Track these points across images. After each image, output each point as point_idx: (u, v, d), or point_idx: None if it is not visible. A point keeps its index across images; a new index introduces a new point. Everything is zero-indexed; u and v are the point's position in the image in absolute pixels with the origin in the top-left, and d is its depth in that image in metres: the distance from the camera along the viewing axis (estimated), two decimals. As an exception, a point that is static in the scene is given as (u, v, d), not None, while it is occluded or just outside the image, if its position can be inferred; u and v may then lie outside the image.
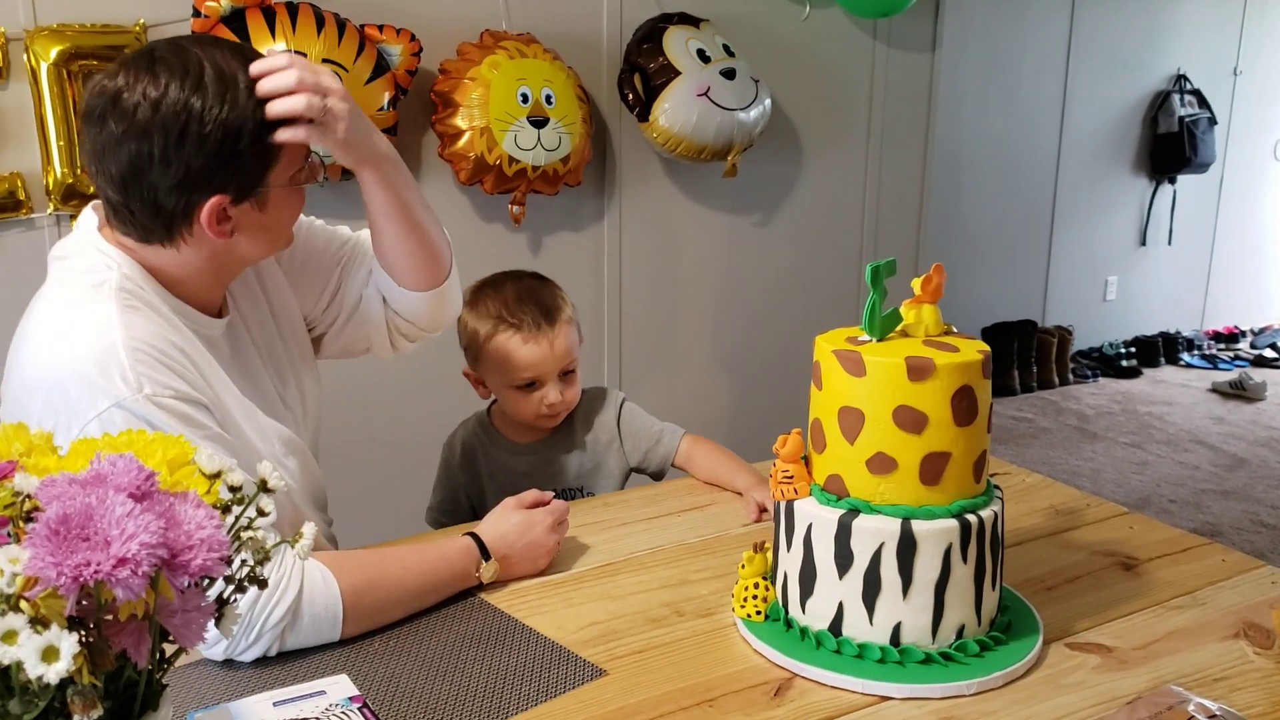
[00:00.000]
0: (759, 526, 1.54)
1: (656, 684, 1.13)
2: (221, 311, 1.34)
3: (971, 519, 1.14)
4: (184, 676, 1.13)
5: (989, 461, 1.21)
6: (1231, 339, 6.01)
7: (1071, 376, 5.32)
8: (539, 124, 2.56)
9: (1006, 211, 5.19)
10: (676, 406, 2.91)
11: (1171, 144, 5.47)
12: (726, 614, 1.28)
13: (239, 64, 1.17)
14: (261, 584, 0.77)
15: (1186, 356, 5.68)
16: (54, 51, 2.19)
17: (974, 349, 1.16)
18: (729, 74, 2.84)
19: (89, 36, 2.23)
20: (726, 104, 2.82)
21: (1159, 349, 5.64)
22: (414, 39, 2.48)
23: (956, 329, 1.24)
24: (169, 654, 0.74)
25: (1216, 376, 5.35)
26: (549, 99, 2.58)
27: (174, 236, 1.21)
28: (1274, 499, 3.88)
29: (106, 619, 0.67)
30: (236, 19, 2.27)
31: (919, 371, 1.11)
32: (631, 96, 2.83)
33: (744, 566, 1.26)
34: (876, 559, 1.13)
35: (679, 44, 2.82)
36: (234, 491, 0.76)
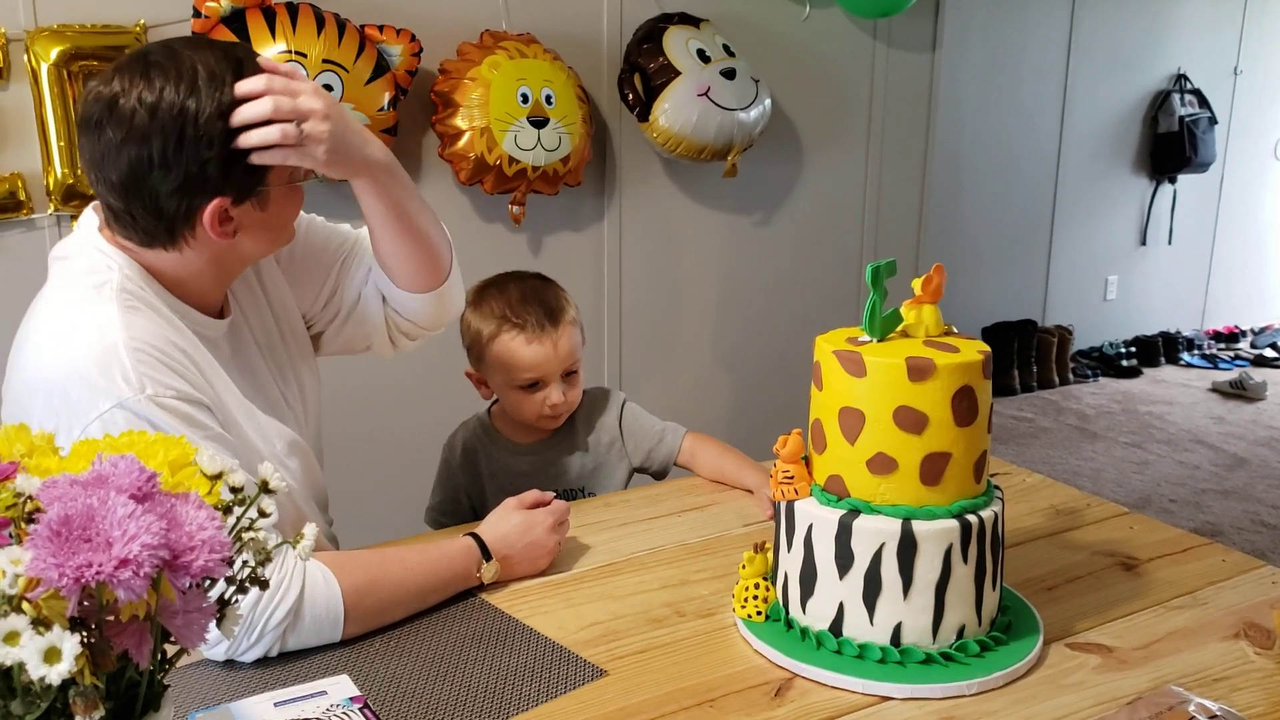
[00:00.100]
0: (759, 527, 1.54)
1: (657, 684, 1.13)
2: (223, 312, 1.34)
3: (972, 519, 1.14)
4: (185, 677, 1.13)
5: (989, 462, 1.21)
6: (1232, 338, 6.01)
7: (1072, 376, 5.32)
8: (539, 124, 2.56)
9: (1007, 211, 5.19)
10: (676, 406, 2.90)
11: (1172, 143, 5.47)
12: (727, 614, 1.28)
13: (231, 65, 1.17)
14: (263, 585, 0.77)
15: (1187, 356, 5.68)
16: (54, 52, 2.19)
17: (974, 349, 1.16)
18: (729, 74, 2.84)
19: (89, 37, 2.23)
20: (726, 104, 2.82)
21: (1159, 349, 5.64)
22: (414, 39, 2.48)
23: (957, 329, 1.24)
24: (170, 655, 0.74)
25: (1217, 376, 5.35)
26: (549, 99, 2.58)
27: (177, 240, 1.21)
28: (1274, 499, 3.88)
29: (108, 620, 0.67)
30: (237, 19, 2.27)
31: (919, 372, 1.11)
32: (631, 96, 2.83)
33: (744, 567, 1.26)
34: (877, 559, 1.13)
35: (679, 44, 2.82)
36: (235, 492, 0.76)
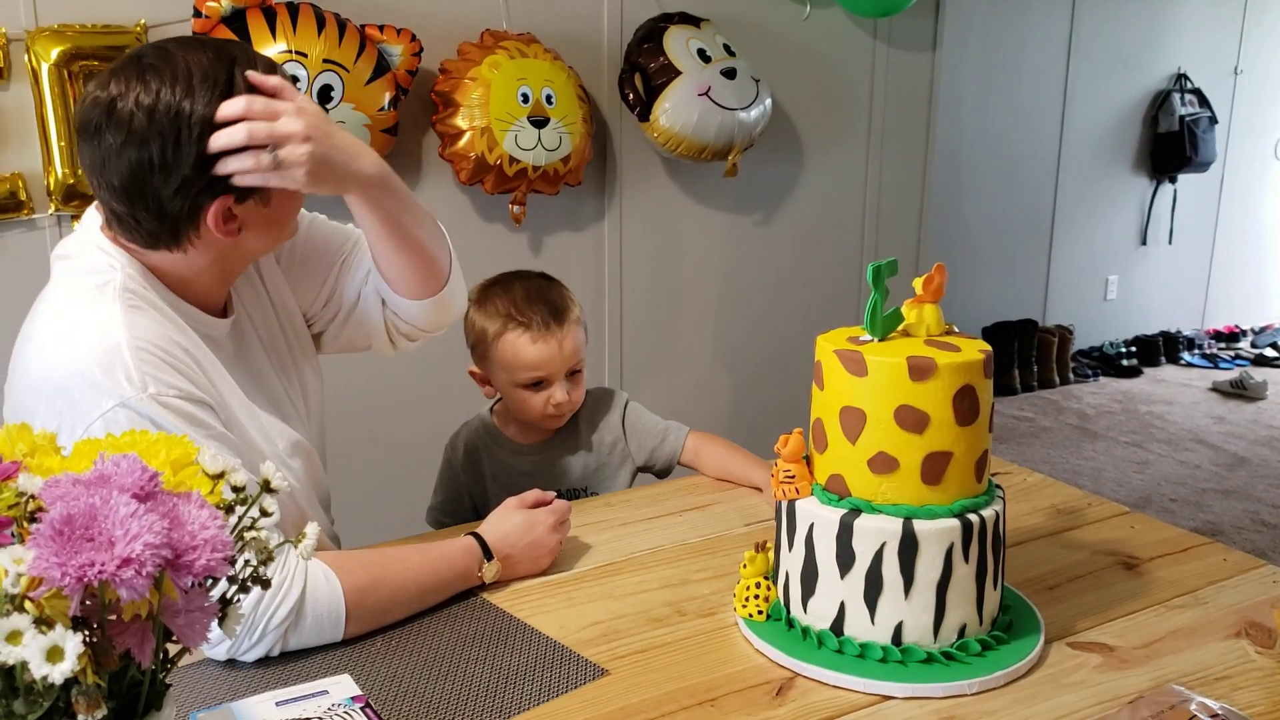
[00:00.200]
0: (760, 526, 1.54)
1: (658, 683, 1.14)
2: (226, 310, 1.34)
3: (973, 518, 1.14)
4: (187, 676, 1.13)
5: (990, 461, 1.21)
6: (1232, 338, 6.01)
7: (1072, 376, 5.32)
8: (539, 124, 2.56)
9: (1007, 211, 5.19)
10: (677, 406, 2.91)
11: (1172, 143, 5.47)
12: (728, 614, 1.28)
13: (225, 64, 1.17)
14: (265, 584, 0.77)
15: (1187, 356, 5.68)
16: (55, 52, 2.19)
17: (975, 349, 1.16)
18: (729, 73, 2.84)
19: (90, 37, 2.23)
20: (727, 103, 2.82)
21: (1159, 348, 5.64)
22: (414, 39, 2.48)
23: (957, 328, 1.24)
24: (173, 654, 0.74)
25: (1217, 375, 5.35)
26: (549, 99, 2.58)
27: (181, 241, 1.21)
28: (1275, 498, 3.88)
29: (110, 619, 0.67)
30: (237, 19, 2.27)
31: (920, 371, 1.11)
32: (632, 96, 2.83)
33: (745, 566, 1.26)
34: (878, 559, 1.13)
35: (679, 44, 2.82)
36: (237, 492, 0.76)
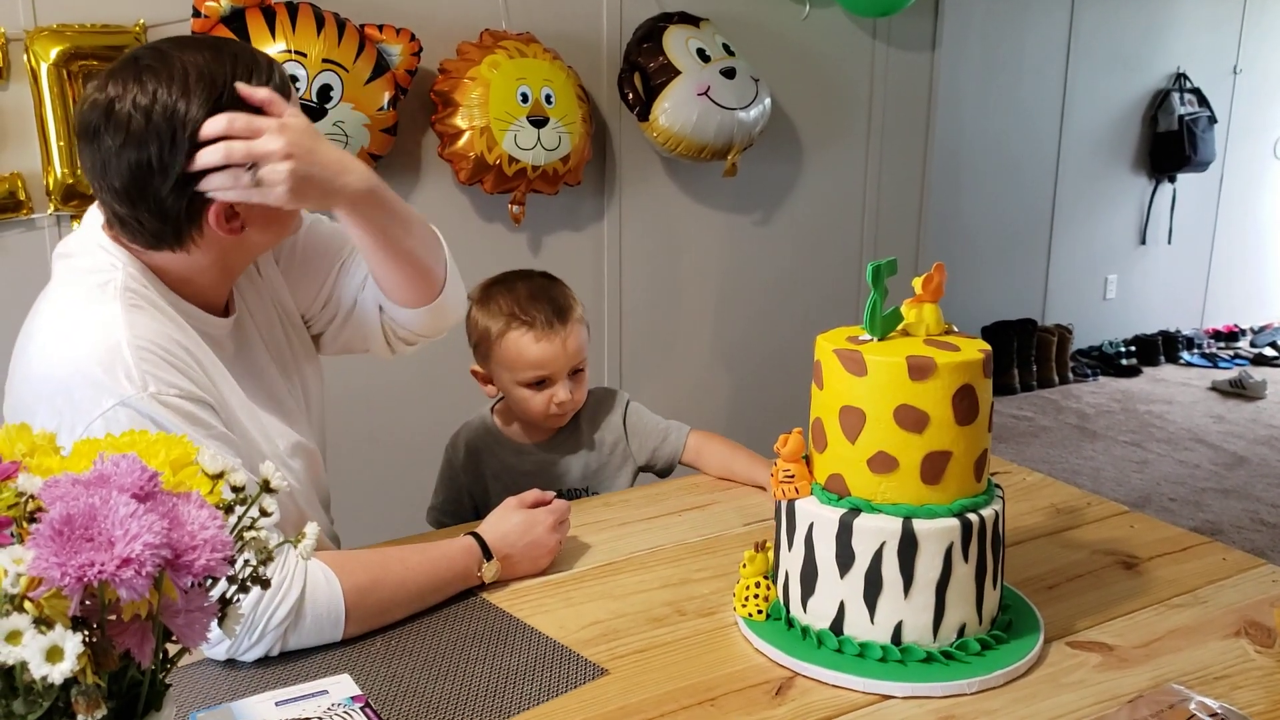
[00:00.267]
0: (760, 526, 1.54)
1: (658, 683, 1.14)
2: (228, 309, 1.34)
3: (973, 518, 1.14)
4: (186, 676, 1.13)
5: (990, 460, 1.21)
6: (1231, 337, 6.02)
7: (1071, 375, 5.32)
8: (539, 123, 2.56)
9: (1006, 210, 5.20)
10: (676, 406, 2.90)
11: (1171, 142, 5.47)
12: (728, 613, 1.28)
13: (221, 63, 1.17)
14: (264, 584, 0.77)
15: (1186, 355, 5.68)
16: (54, 52, 2.19)
17: (975, 348, 1.16)
18: (729, 73, 2.84)
19: (89, 37, 2.23)
20: (726, 103, 2.82)
21: (1159, 347, 5.64)
22: (414, 39, 2.48)
23: (957, 328, 1.24)
24: (172, 654, 0.74)
25: (1216, 375, 5.35)
26: (549, 98, 2.58)
27: (184, 241, 1.21)
28: (1274, 497, 3.88)
29: (110, 619, 0.67)
30: (236, 19, 2.27)
31: (920, 371, 1.11)
32: (631, 96, 2.83)
33: (745, 566, 1.26)
34: (878, 558, 1.13)
35: (679, 43, 2.82)
36: (237, 492, 0.76)
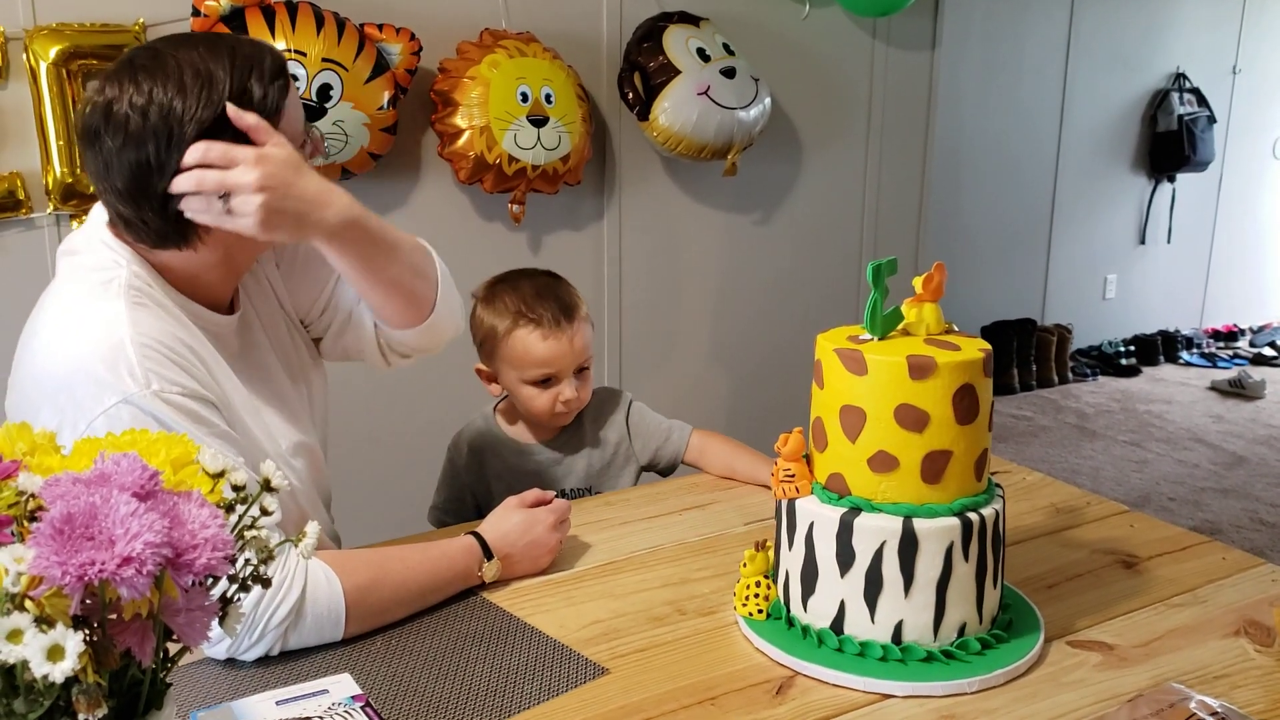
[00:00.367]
0: (760, 525, 1.54)
1: (658, 682, 1.14)
2: (232, 307, 1.34)
3: (973, 517, 1.14)
4: (187, 675, 1.13)
5: (990, 460, 1.21)
6: (1230, 337, 6.02)
7: (1071, 375, 5.32)
8: (539, 123, 2.56)
9: (1006, 210, 5.20)
10: (676, 405, 2.90)
11: (1171, 142, 5.47)
12: (728, 612, 1.28)
13: (216, 60, 1.17)
14: (265, 583, 0.77)
15: (1185, 355, 5.69)
16: (53, 51, 2.19)
17: (975, 347, 1.16)
18: (729, 73, 2.84)
19: (88, 36, 2.23)
20: (726, 103, 2.82)
21: (1158, 347, 5.64)
22: (414, 38, 2.48)
23: (957, 327, 1.24)
24: (173, 653, 0.74)
25: (1215, 375, 5.35)
26: (549, 98, 2.58)
27: (190, 239, 1.21)
28: (1273, 497, 3.89)
29: (111, 618, 0.67)
30: (236, 18, 2.27)
31: (920, 370, 1.11)
32: (631, 95, 2.83)
33: (745, 565, 1.26)
34: (878, 557, 1.13)
35: (679, 43, 2.82)
36: (237, 491, 0.76)
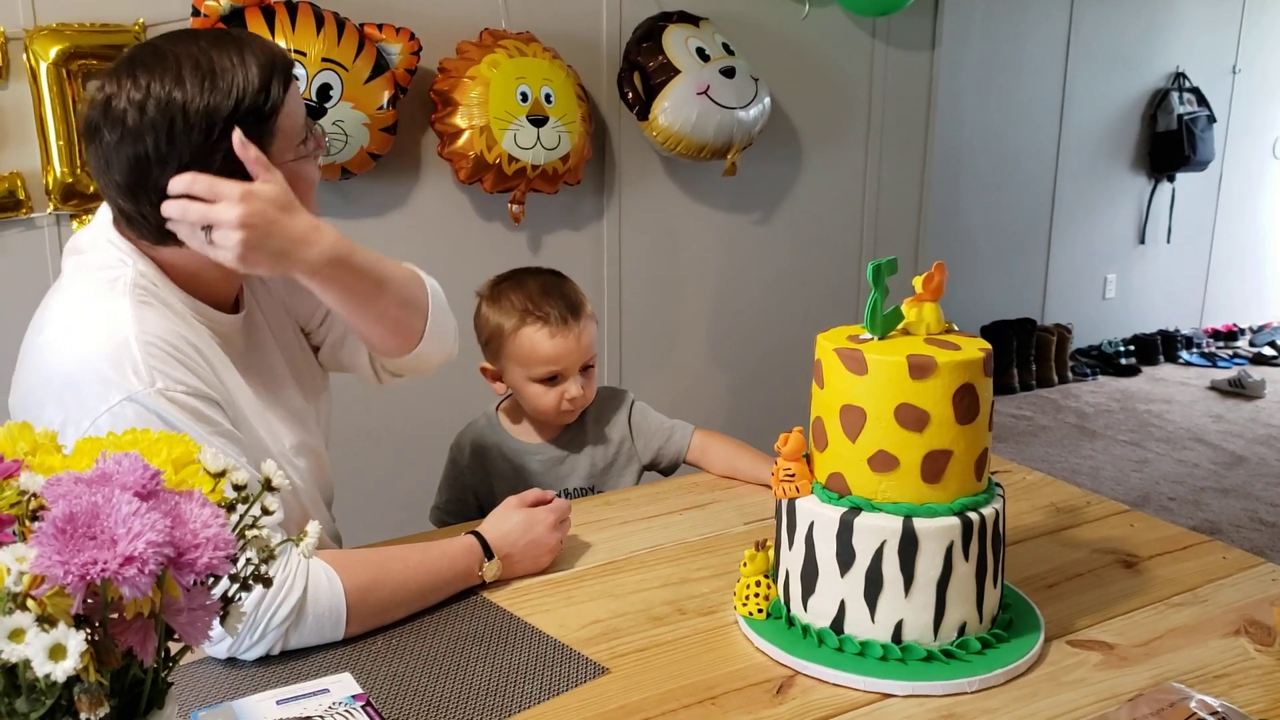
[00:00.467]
0: (760, 524, 1.54)
1: (658, 682, 1.14)
2: (238, 306, 1.34)
3: (973, 517, 1.14)
4: (187, 675, 1.13)
5: (990, 459, 1.21)
6: (1230, 337, 6.02)
7: (1071, 374, 5.33)
8: (538, 123, 2.56)
9: (1006, 209, 5.20)
10: (676, 404, 2.90)
11: (1170, 142, 5.47)
12: (728, 612, 1.28)
13: (217, 53, 1.17)
14: (267, 583, 0.77)
15: (1185, 354, 5.69)
16: (53, 51, 2.19)
17: (975, 347, 1.16)
18: (728, 72, 2.84)
19: (88, 36, 2.23)
20: (726, 102, 2.82)
21: (1158, 347, 5.64)
22: (413, 38, 2.48)
23: (957, 327, 1.24)
24: (174, 652, 0.74)
25: (1215, 374, 5.35)
26: (548, 98, 2.58)
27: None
28: (1273, 496, 3.89)
29: (113, 617, 0.67)
30: (236, 18, 2.27)
31: (921, 369, 1.11)
32: (631, 95, 2.83)
33: (745, 565, 1.26)
34: (878, 557, 1.13)
35: (678, 42, 2.82)
36: (239, 490, 0.76)
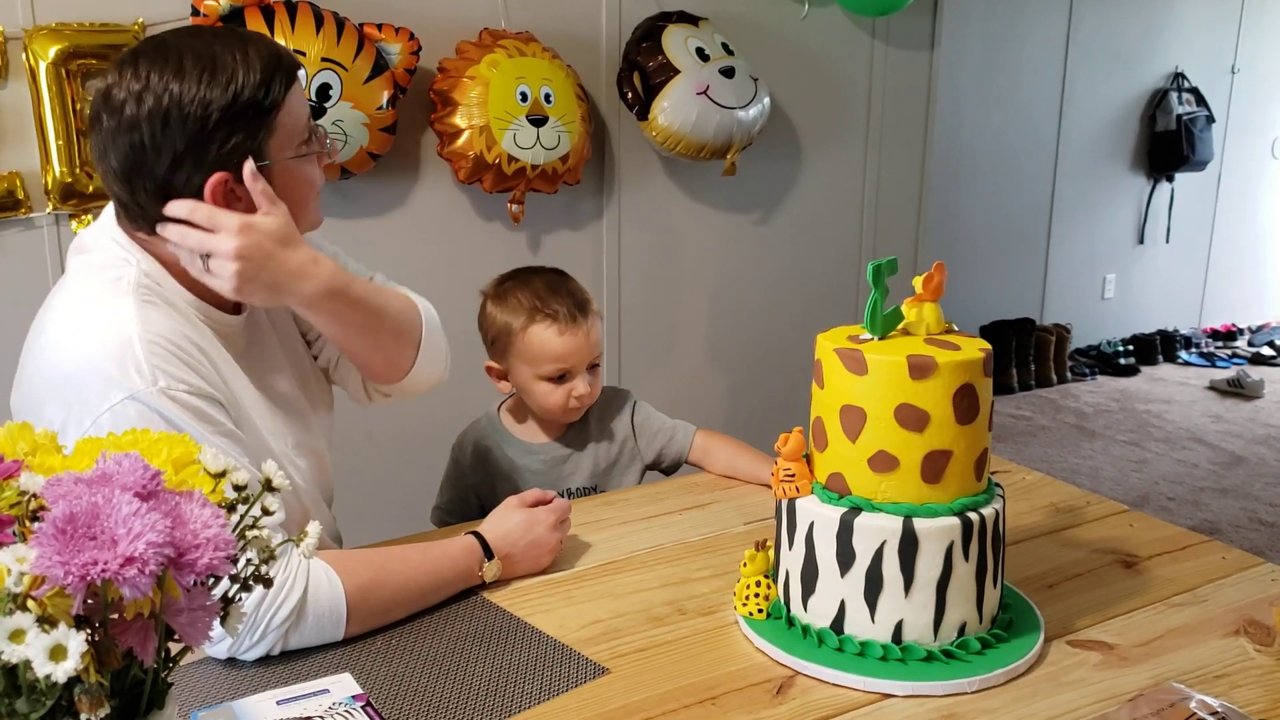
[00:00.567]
0: (760, 525, 1.54)
1: (658, 682, 1.14)
2: (241, 306, 1.33)
3: (973, 517, 1.14)
4: (188, 675, 1.13)
5: (990, 459, 1.21)
6: (1229, 337, 6.02)
7: (1070, 374, 5.33)
8: (538, 122, 2.56)
9: (1005, 209, 5.20)
10: (675, 404, 2.90)
11: (1169, 142, 5.47)
12: (728, 612, 1.28)
13: (221, 48, 1.17)
14: (267, 583, 0.77)
15: (1184, 354, 5.69)
16: (53, 51, 2.19)
17: (975, 347, 1.16)
18: (728, 72, 2.84)
19: (88, 36, 2.23)
20: (725, 102, 2.82)
21: (1157, 347, 5.64)
22: (413, 37, 2.48)
23: (956, 327, 1.24)
24: (174, 653, 0.74)
25: (1214, 374, 5.35)
26: (548, 97, 2.58)
27: None
28: (1272, 496, 3.89)
29: (113, 618, 0.67)
30: (235, 18, 2.27)
31: (921, 370, 1.11)
32: (631, 95, 2.83)
33: (745, 565, 1.26)
34: (878, 557, 1.13)
35: (678, 42, 2.82)
36: (239, 490, 0.76)
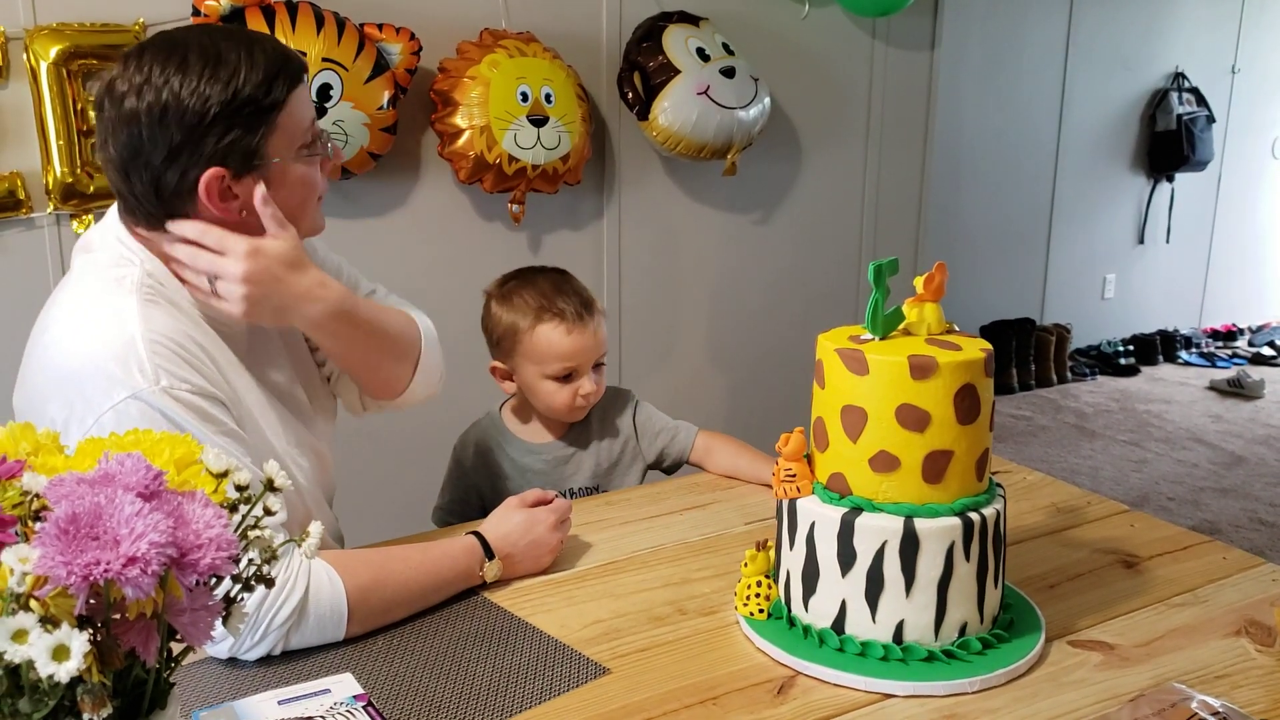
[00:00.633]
0: (761, 525, 1.54)
1: (659, 682, 1.14)
2: None
3: (974, 517, 1.14)
4: (189, 675, 1.13)
5: (991, 459, 1.21)
6: (1229, 337, 6.02)
7: (1070, 374, 5.33)
8: (538, 123, 2.56)
9: (1005, 209, 5.20)
10: (675, 404, 2.89)
11: (1170, 142, 5.47)
12: (729, 612, 1.28)
13: (227, 45, 1.17)
14: (269, 583, 0.77)
15: (1184, 354, 5.69)
16: (54, 51, 2.19)
17: (976, 347, 1.16)
18: (728, 72, 2.84)
19: (88, 36, 2.23)
20: (726, 102, 2.82)
21: (1157, 347, 5.65)
22: (413, 38, 2.48)
23: (957, 327, 1.24)
24: (177, 653, 0.74)
25: (1214, 374, 5.36)
26: (548, 98, 2.58)
27: (179, 218, 1.20)
28: (1272, 496, 3.89)
29: (115, 618, 0.67)
30: (236, 18, 2.27)
31: (922, 370, 1.11)
32: (631, 95, 2.83)
33: (746, 565, 1.26)
34: (879, 557, 1.13)
35: (678, 42, 2.82)
36: (241, 491, 0.76)
